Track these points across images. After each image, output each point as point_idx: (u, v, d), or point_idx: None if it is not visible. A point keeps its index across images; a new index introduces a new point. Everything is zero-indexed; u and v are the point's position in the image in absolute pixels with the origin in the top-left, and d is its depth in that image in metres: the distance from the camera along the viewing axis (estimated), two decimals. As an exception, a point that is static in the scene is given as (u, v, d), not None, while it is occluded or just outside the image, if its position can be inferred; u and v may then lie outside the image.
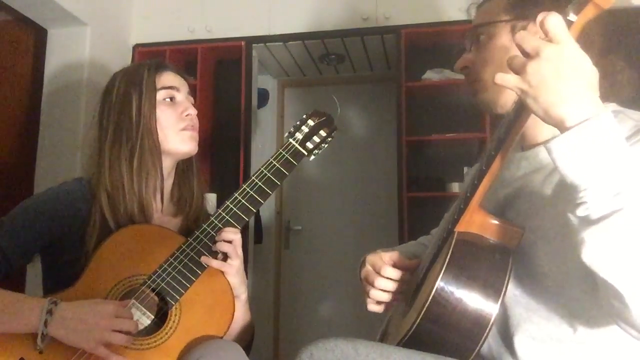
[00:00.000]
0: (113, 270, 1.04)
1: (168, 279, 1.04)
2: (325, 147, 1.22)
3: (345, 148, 3.37)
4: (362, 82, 3.48)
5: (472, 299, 0.77)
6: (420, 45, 2.76)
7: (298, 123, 1.21)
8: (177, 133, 1.16)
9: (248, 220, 1.11)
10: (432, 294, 0.77)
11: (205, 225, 1.09)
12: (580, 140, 0.62)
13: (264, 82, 3.44)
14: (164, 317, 1.04)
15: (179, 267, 1.05)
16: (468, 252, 0.81)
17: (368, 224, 3.32)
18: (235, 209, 1.10)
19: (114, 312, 0.95)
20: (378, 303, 0.99)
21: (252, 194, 1.11)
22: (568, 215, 0.66)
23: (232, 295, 1.07)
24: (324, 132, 1.20)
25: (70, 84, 2.53)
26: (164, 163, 1.16)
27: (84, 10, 2.51)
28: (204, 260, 1.06)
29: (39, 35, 2.59)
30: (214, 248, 1.08)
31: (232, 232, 1.08)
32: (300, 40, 2.84)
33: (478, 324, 0.77)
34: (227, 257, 1.08)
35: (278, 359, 3.32)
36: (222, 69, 3.06)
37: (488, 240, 0.82)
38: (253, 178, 1.12)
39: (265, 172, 1.12)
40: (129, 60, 2.84)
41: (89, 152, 1.19)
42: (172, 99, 1.18)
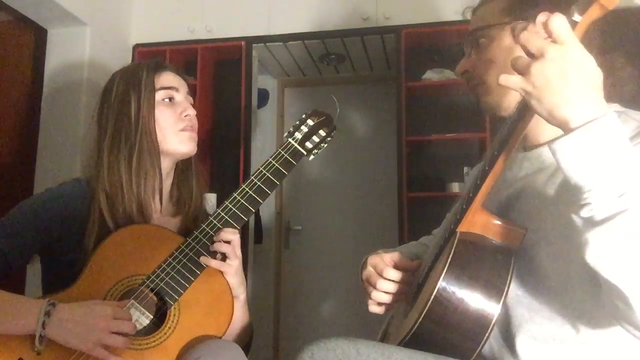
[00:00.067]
0: (112, 270, 1.04)
1: (167, 279, 1.04)
2: (325, 146, 1.21)
3: (345, 148, 3.37)
4: (362, 82, 3.47)
5: (474, 299, 0.77)
6: (420, 45, 2.76)
7: (297, 123, 1.20)
8: (175, 133, 1.16)
9: (247, 220, 1.11)
10: (434, 294, 0.77)
11: (204, 226, 1.09)
12: (585, 141, 0.62)
13: (264, 82, 3.43)
14: (163, 317, 1.03)
15: (178, 267, 1.05)
16: (470, 252, 0.80)
17: (368, 224, 3.32)
18: (235, 209, 1.10)
19: (112, 313, 0.95)
20: (379, 304, 0.99)
21: (251, 194, 1.11)
22: (571, 216, 0.66)
23: (231, 296, 1.07)
24: (324, 131, 1.20)
25: (70, 84, 2.53)
26: (163, 163, 1.16)
27: (84, 10, 2.51)
28: (203, 260, 1.06)
29: (39, 35, 2.59)
30: (212, 248, 1.07)
31: (230, 232, 1.08)
32: (300, 40, 2.84)
33: (480, 324, 0.77)
34: (226, 257, 1.08)
35: (278, 359, 3.32)
36: (222, 69, 3.06)
37: (490, 241, 0.82)
38: (252, 178, 1.12)
39: (265, 172, 1.12)
40: (129, 60, 2.84)
41: (88, 152, 1.19)
42: (171, 100, 1.18)
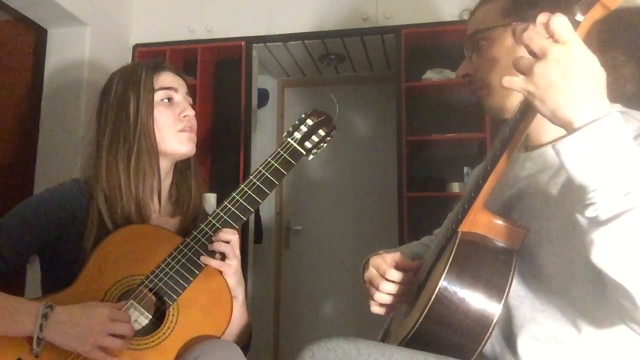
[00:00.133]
0: (111, 271, 1.04)
1: (166, 279, 1.04)
2: (324, 146, 1.21)
3: (345, 148, 3.37)
4: (362, 82, 3.47)
5: (475, 299, 0.77)
6: (420, 45, 2.76)
7: (297, 122, 1.20)
8: (174, 134, 1.16)
9: (246, 220, 1.11)
10: (435, 294, 0.77)
11: (203, 225, 1.08)
12: (589, 141, 0.62)
13: (264, 82, 3.43)
14: (162, 317, 1.03)
15: (177, 267, 1.05)
16: (471, 252, 0.80)
17: (368, 224, 3.32)
18: (234, 209, 1.09)
19: (109, 315, 0.94)
20: (381, 305, 0.99)
21: (250, 194, 1.10)
22: (575, 216, 0.65)
23: (230, 295, 1.07)
24: (323, 131, 1.20)
25: (70, 84, 2.53)
26: (162, 164, 1.16)
27: (84, 10, 2.51)
28: (203, 260, 1.06)
29: (39, 35, 2.59)
30: (211, 248, 1.07)
31: (229, 232, 1.07)
32: (301, 40, 2.84)
33: (481, 324, 0.76)
34: (225, 257, 1.08)
35: (278, 359, 3.32)
36: (222, 69, 3.06)
37: (492, 241, 0.82)
38: (251, 178, 1.12)
39: (264, 171, 1.12)
40: (129, 60, 2.84)
41: (87, 152, 1.19)
42: (170, 100, 1.18)
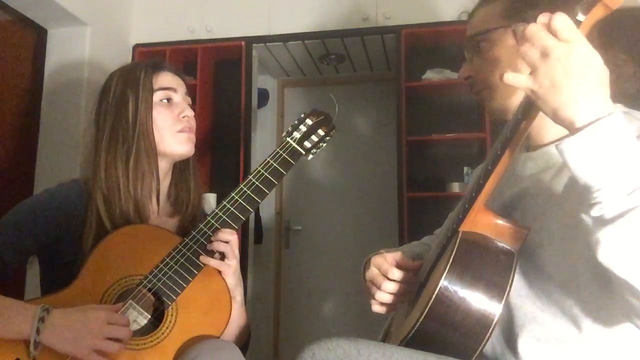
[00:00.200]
0: (109, 271, 1.04)
1: (164, 279, 1.04)
2: (324, 146, 1.21)
3: (345, 148, 3.37)
4: (362, 82, 3.47)
5: (475, 299, 0.77)
6: (420, 45, 2.76)
7: (296, 122, 1.20)
8: (173, 135, 1.16)
9: (245, 220, 1.11)
10: (435, 293, 0.77)
11: (202, 225, 1.08)
12: (593, 140, 0.62)
13: (264, 82, 3.43)
14: (161, 317, 1.03)
15: (176, 267, 1.05)
16: (472, 251, 0.80)
17: (368, 224, 3.32)
18: (232, 209, 1.09)
19: (106, 318, 0.94)
20: (383, 304, 0.99)
21: (249, 194, 1.10)
22: (580, 216, 0.65)
23: (229, 295, 1.07)
24: (322, 131, 1.19)
25: (70, 84, 2.53)
26: (160, 164, 1.16)
27: (84, 10, 2.51)
28: (202, 260, 1.06)
29: (39, 35, 2.59)
30: (210, 247, 1.07)
31: (228, 233, 1.07)
32: (301, 40, 2.84)
33: (481, 324, 0.76)
34: (224, 257, 1.08)
35: (278, 359, 3.32)
36: (222, 69, 3.06)
37: (493, 240, 0.82)
38: (250, 177, 1.11)
39: (263, 171, 1.12)
40: (129, 61, 2.84)
41: (86, 152, 1.19)
42: (169, 100, 1.18)
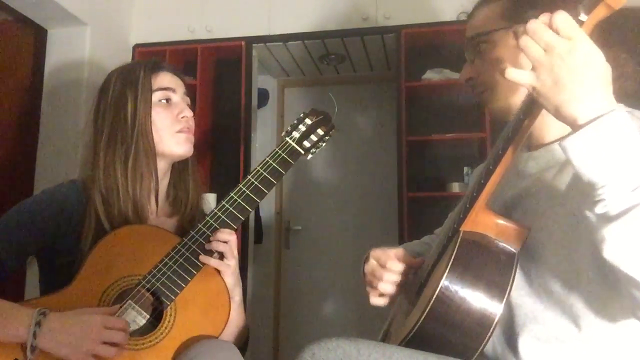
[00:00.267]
0: (108, 271, 1.04)
1: (163, 279, 1.03)
2: (323, 145, 1.21)
3: (345, 148, 3.37)
4: (362, 82, 3.47)
5: (476, 298, 0.77)
6: (420, 45, 2.76)
7: (295, 122, 1.20)
8: (172, 135, 1.16)
9: (244, 220, 1.11)
10: (436, 293, 0.77)
11: (201, 225, 1.08)
12: (596, 137, 0.62)
13: (264, 82, 3.43)
14: (160, 316, 1.03)
15: (174, 267, 1.04)
16: (473, 251, 0.80)
17: (368, 224, 3.31)
18: (231, 209, 1.09)
19: (103, 322, 0.93)
20: (382, 296, 1.00)
21: (248, 193, 1.10)
22: (585, 213, 0.65)
23: (227, 295, 1.06)
24: (322, 130, 1.19)
25: (70, 84, 2.53)
26: (159, 165, 1.16)
27: (84, 10, 2.51)
28: (202, 259, 1.05)
29: (39, 35, 2.59)
30: (209, 247, 1.07)
31: (227, 233, 1.07)
32: (300, 40, 2.84)
33: (482, 324, 0.76)
34: (223, 257, 1.07)
35: (278, 359, 3.32)
36: (222, 69, 3.06)
37: (493, 240, 0.82)
38: (249, 177, 1.11)
39: (262, 171, 1.12)
40: (129, 61, 2.84)
41: (84, 152, 1.19)
42: (168, 101, 1.18)
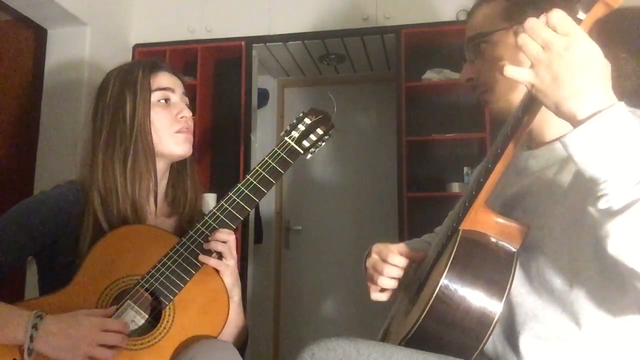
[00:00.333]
0: (107, 271, 1.03)
1: (162, 279, 1.03)
2: (323, 145, 1.21)
3: (345, 148, 3.37)
4: (362, 82, 3.47)
5: (476, 297, 0.77)
6: (420, 45, 2.75)
7: (294, 121, 1.20)
8: (171, 135, 1.15)
9: (243, 219, 1.11)
10: (436, 292, 0.77)
11: (200, 225, 1.08)
12: (597, 132, 0.62)
13: (264, 82, 3.43)
14: (159, 316, 1.03)
15: (173, 267, 1.04)
16: (473, 250, 0.80)
17: (368, 224, 3.31)
18: (230, 208, 1.09)
19: (100, 325, 0.93)
20: (383, 290, 1.00)
21: (247, 193, 1.10)
22: (588, 209, 0.65)
23: (226, 295, 1.06)
24: (321, 130, 1.19)
25: (70, 84, 2.53)
26: (158, 165, 1.16)
27: (84, 10, 2.51)
28: (201, 259, 1.05)
29: (39, 35, 2.60)
30: (208, 247, 1.06)
31: (226, 232, 1.07)
32: (300, 40, 2.84)
33: (481, 322, 0.76)
34: (221, 257, 1.07)
35: (278, 359, 3.32)
36: (222, 69, 3.06)
37: (493, 239, 0.82)
38: (248, 177, 1.11)
39: (261, 170, 1.11)
40: (129, 61, 2.84)
41: (83, 152, 1.18)
42: (166, 101, 1.17)
